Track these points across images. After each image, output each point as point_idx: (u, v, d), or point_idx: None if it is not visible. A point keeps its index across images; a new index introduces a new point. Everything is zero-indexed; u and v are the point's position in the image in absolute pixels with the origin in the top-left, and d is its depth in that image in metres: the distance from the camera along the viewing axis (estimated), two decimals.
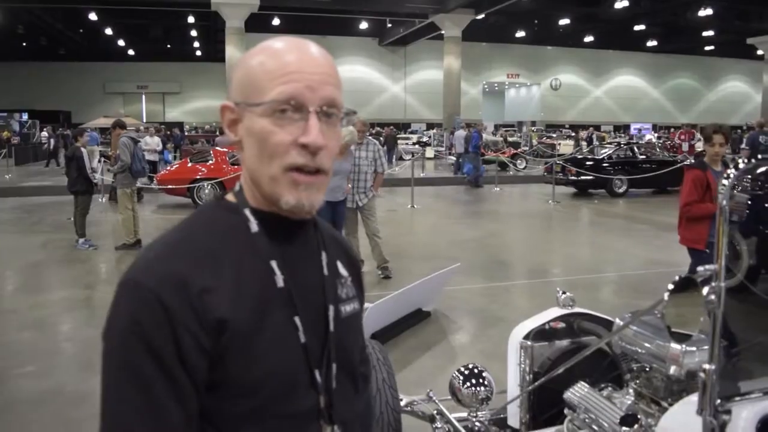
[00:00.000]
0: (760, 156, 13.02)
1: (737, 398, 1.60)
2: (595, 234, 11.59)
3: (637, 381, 2.53)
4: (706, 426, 1.56)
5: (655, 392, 2.42)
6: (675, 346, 2.30)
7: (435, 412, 3.24)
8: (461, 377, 3.05)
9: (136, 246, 9.20)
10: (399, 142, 28.35)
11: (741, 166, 1.54)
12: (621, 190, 16.13)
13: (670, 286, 1.55)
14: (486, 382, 3.01)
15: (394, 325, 5.62)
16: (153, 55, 44.70)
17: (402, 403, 3.28)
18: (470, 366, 3.10)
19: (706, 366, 1.54)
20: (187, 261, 0.98)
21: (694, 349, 2.31)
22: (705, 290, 1.50)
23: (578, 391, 2.64)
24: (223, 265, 1.00)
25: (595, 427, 2.44)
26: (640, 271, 7.98)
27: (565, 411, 2.66)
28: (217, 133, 24.67)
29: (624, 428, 2.26)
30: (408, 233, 11.09)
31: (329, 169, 1.05)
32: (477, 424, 3.02)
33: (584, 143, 26.89)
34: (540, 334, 3.00)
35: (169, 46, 44.35)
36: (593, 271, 8.17)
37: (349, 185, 6.93)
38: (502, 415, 3.08)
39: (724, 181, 1.52)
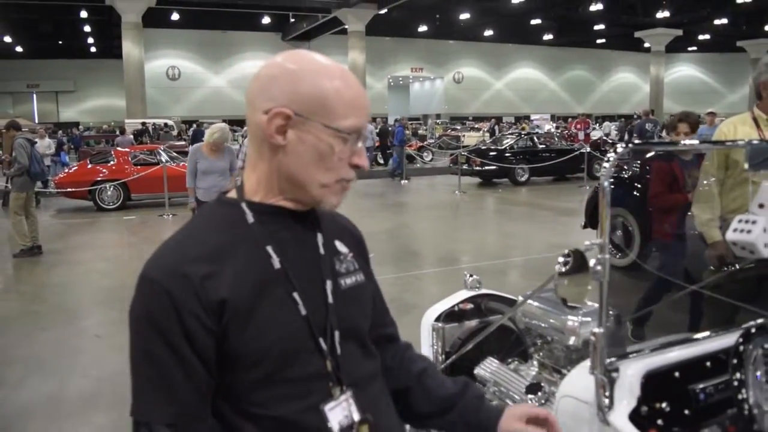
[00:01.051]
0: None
1: (624, 358, 1.79)
2: (501, 221, 12.04)
3: (541, 353, 2.71)
4: (597, 383, 1.73)
5: (556, 362, 2.61)
6: (572, 318, 2.50)
7: None
8: None
9: (35, 251, 8.82)
10: None
11: (620, 149, 1.71)
12: (523, 179, 16.77)
13: (561, 260, 1.71)
14: None
15: None
16: (44, 51, 42.45)
17: None
18: None
19: (596, 330, 1.71)
20: (190, 253, 1.14)
21: (589, 319, 2.51)
22: (592, 262, 1.66)
23: (488, 367, 2.80)
24: (223, 255, 1.15)
25: (505, 399, 2.61)
26: (543, 255, 8.37)
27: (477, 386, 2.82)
28: (117, 132, 23.81)
29: (529, 395, 2.45)
30: None
31: None
32: None
33: (488, 134, 27.68)
34: (450, 316, 3.15)
35: (60, 42, 42.29)
36: (500, 256, 8.51)
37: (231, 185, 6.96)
38: None
39: (605, 164, 1.68)
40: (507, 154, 16.93)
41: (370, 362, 1.31)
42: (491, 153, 17.06)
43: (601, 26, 42.82)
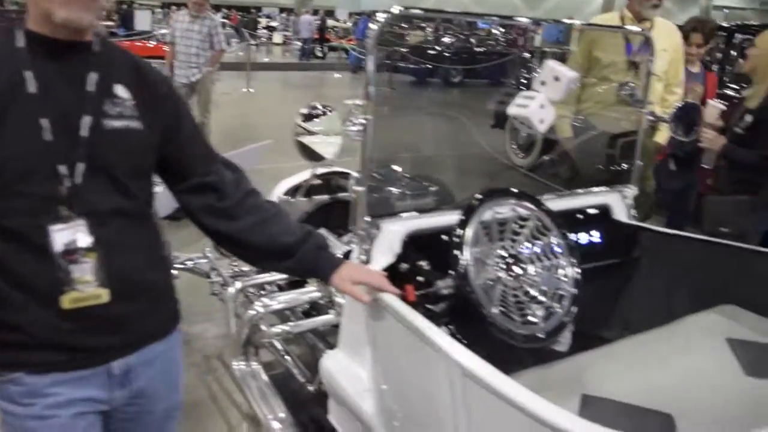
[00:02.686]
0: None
1: (386, 217, 1.88)
2: (416, 118, 12.06)
3: None
4: (359, 238, 1.84)
5: None
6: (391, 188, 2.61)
7: (210, 268, 3.46)
8: None
9: None
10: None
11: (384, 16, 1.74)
12: (456, 80, 16.70)
13: (303, 111, 1.77)
14: None
15: None
16: None
17: (179, 260, 3.48)
18: None
19: (356, 188, 1.80)
20: None
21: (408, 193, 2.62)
22: (350, 123, 1.72)
23: None
24: None
25: None
26: (437, 152, 8.47)
27: None
28: None
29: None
30: (235, 116, 10.98)
31: None
32: (244, 269, 3.29)
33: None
34: (299, 191, 3.23)
35: None
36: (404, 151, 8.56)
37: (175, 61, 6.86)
38: None
39: (368, 33, 1.72)
40: (445, 54, 16.78)
41: (121, 201, 1.38)
42: (429, 52, 16.86)
43: None
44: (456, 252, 1.67)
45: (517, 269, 1.71)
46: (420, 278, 1.89)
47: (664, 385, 1.61)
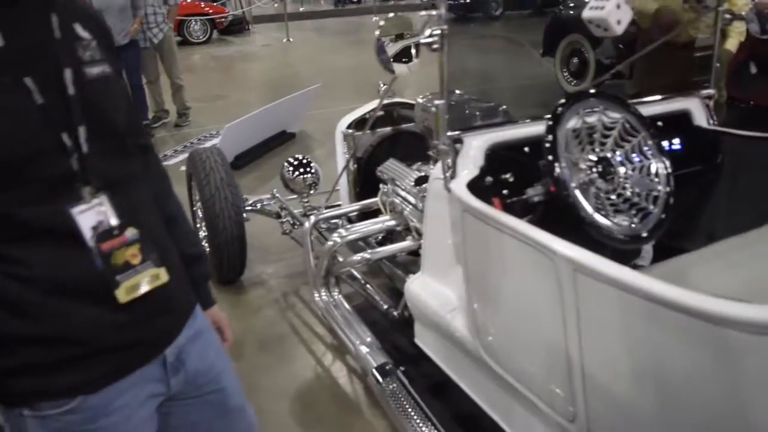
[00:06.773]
0: None
1: (469, 131, 1.88)
2: (466, 54, 11.84)
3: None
4: (441, 153, 1.84)
5: None
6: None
7: (280, 208, 3.52)
8: (291, 167, 3.32)
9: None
10: None
11: None
12: (497, 12, 16.27)
13: (380, 22, 1.74)
14: (312, 170, 3.29)
15: (259, 147, 5.79)
16: None
17: (249, 203, 3.54)
18: (299, 157, 3.36)
19: (437, 101, 1.79)
20: None
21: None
22: (427, 32, 1.70)
23: (387, 167, 2.92)
24: None
25: (400, 191, 2.73)
26: (488, 85, 8.34)
27: (380, 185, 2.94)
28: None
29: (416, 186, 2.59)
30: (278, 66, 10.96)
31: None
32: (309, 207, 3.35)
33: None
34: (362, 123, 3.23)
35: None
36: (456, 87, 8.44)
37: (135, 25, 6.16)
38: (337, 203, 3.37)
39: None
40: None
41: (130, 162, 1.20)
42: None
43: None
44: (549, 156, 1.65)
45: (609, 172, 1.69)
46: (505, 191, 1.89)
47: None
